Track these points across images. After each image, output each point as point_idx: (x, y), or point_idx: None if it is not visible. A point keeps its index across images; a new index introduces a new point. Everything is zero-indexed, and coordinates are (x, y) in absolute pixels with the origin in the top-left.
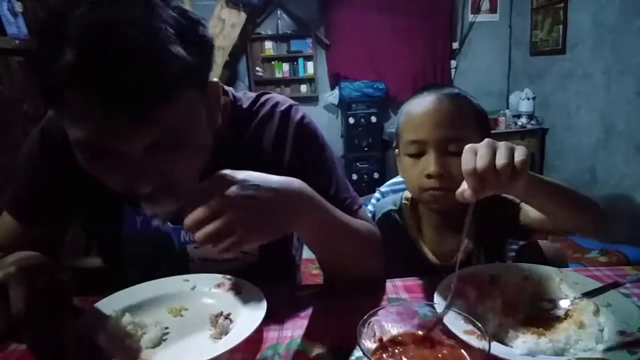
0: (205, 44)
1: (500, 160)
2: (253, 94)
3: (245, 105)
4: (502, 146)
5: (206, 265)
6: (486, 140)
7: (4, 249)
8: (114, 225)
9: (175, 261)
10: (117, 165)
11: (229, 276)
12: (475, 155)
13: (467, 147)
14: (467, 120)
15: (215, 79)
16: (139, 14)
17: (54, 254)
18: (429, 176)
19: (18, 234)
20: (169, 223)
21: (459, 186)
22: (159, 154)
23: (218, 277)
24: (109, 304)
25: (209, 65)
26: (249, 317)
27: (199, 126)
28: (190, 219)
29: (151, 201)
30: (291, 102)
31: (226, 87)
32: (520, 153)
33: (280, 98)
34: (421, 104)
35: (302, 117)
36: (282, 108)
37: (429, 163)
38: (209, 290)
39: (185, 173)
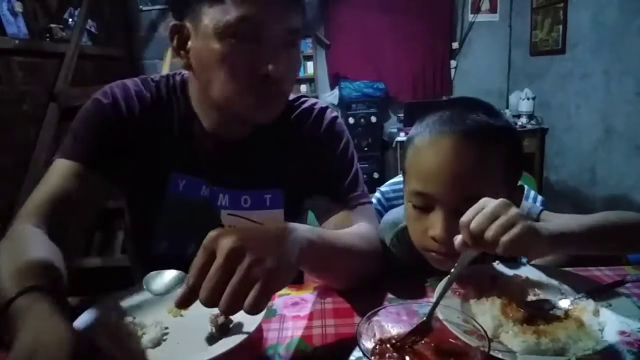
0: None
1: (490, 231)
2: (292, 95)
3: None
4: (503, 218)
5: None
6: (500, 201)
7: (62, 201)
8: (159, 187)
9: (209, 226)
10: (257, 49)
11: None
12: (481, 210)
13: (482, 199)
14: (492, 172)
15: None
16: None
17: (91, 218)
18: (433, 238)
19: (79, 180)
20: (210, 186)
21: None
22: (289, 46)
23: None
24: (109, 304)
25: None
26: (249, 317)
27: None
28: (204, 292)
29: (261, 101)
30: (326, 104)
31: None
32: (513, 233)
33: (317, 100)
34: (434, 148)
35: (336, 117)
36: (321, 106)
37: (436, 224)
38: None
39: (291, 77)
